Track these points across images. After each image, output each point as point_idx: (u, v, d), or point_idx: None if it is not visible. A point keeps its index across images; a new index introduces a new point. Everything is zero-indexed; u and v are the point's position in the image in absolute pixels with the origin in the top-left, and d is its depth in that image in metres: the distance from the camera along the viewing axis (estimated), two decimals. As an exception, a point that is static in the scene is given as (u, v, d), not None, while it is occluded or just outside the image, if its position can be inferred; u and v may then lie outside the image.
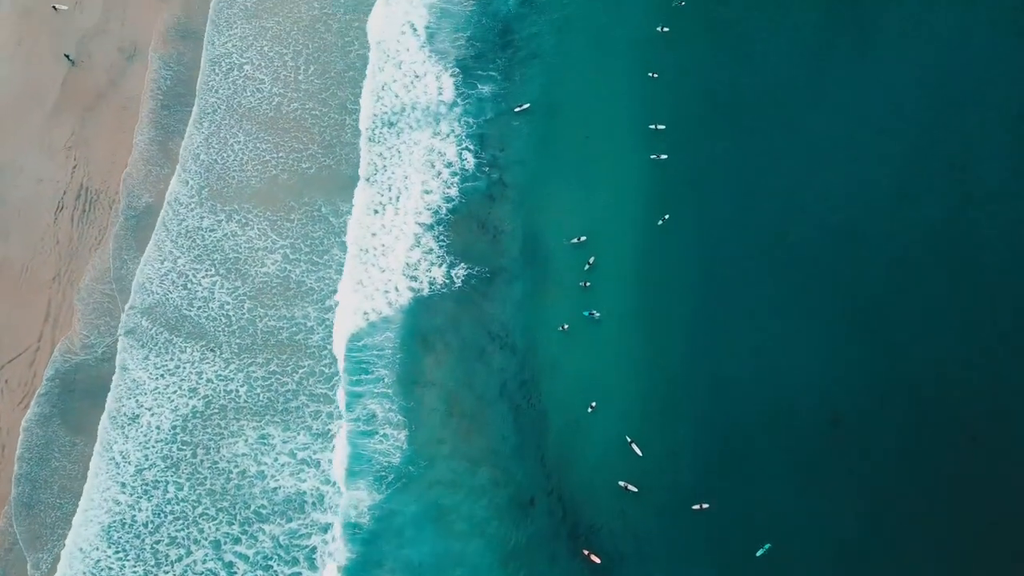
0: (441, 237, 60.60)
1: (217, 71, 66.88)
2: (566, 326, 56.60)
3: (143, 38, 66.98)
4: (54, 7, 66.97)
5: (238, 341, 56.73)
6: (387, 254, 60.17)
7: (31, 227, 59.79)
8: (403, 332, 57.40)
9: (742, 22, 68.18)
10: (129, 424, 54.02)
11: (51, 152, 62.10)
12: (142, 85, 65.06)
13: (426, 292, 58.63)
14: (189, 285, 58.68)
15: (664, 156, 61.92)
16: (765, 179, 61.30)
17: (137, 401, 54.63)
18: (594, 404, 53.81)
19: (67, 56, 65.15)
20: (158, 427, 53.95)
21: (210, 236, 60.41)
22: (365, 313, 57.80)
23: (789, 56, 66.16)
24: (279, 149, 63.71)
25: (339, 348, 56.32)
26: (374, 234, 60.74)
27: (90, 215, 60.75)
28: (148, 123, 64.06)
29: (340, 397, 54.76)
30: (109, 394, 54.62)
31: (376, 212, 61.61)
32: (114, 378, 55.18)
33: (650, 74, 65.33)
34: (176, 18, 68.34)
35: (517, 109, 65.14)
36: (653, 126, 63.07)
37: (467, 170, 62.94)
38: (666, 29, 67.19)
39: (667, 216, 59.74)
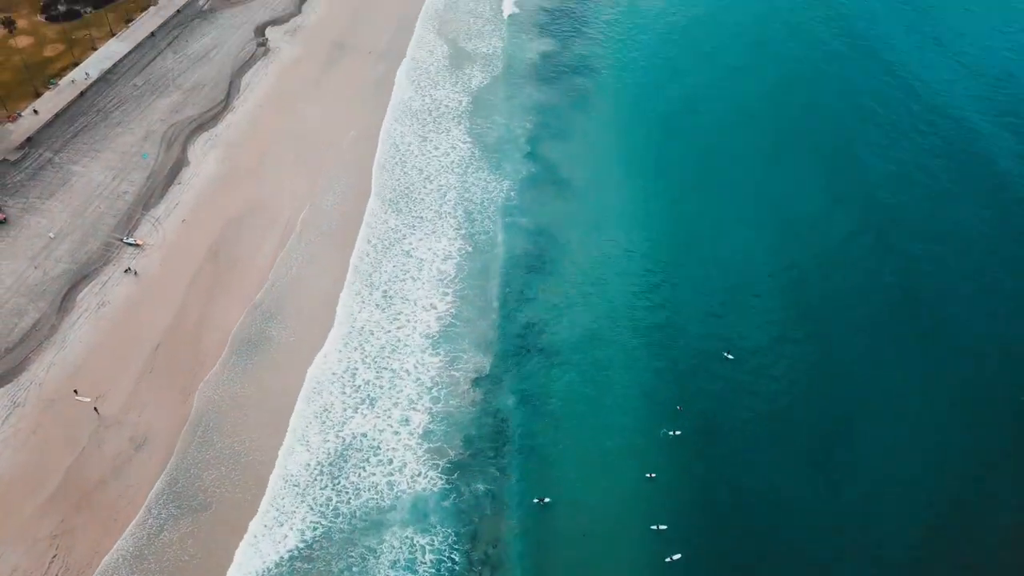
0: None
1: (215, 469, 66.66)
2: None
3: (156, 430, 68.40)
4: (75, 391, 69.27)
5: None
6: None
7: (-10, 626, 55.57)
8: None
9: (740, 426, 72.35)
10: None
11: (33, 542, 59.67)
12: (144, 477, 65.19)
13: None
14: None
15: (677, 556, 62.47)
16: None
17: None
18: None
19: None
20: None
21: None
22: None
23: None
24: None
25: None
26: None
27: (54, 611, 57.05)
28: (139, 520, 62.58)
29: None
30: None
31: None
32: None
33: (648, 475, 67.68)
34: (192, 411, 70.25)
35: (536, 500, 65.70)
36: (655, 527, 64.06)
37: (455, 570, 61.17)
38: (678, 432, 70.77)
39: None
